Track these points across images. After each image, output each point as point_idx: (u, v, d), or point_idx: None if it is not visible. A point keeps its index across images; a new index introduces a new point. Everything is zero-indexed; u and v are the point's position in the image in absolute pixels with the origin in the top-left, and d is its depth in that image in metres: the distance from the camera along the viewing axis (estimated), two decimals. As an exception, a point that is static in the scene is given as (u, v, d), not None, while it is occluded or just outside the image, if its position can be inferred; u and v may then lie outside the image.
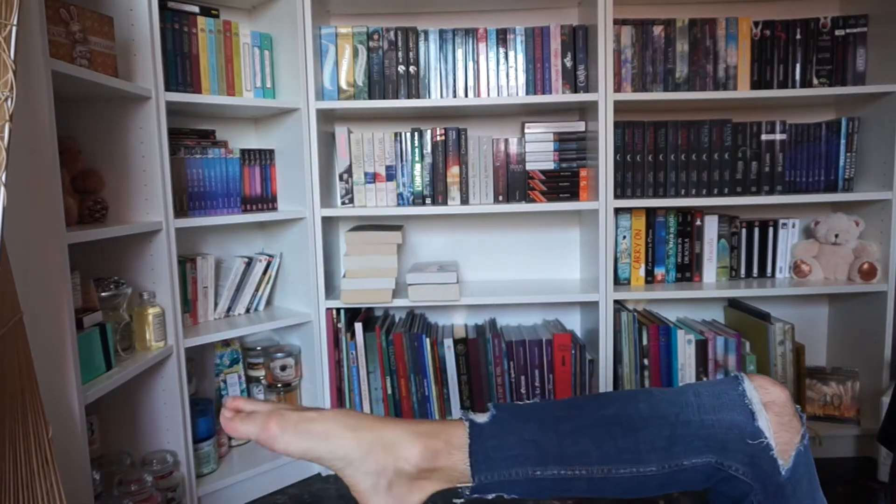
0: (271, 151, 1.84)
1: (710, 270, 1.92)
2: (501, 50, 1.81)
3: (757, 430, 0.65)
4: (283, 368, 1.83)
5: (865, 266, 1.80)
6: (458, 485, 0.69)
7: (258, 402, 0.73)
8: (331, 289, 1.88)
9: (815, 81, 1.83)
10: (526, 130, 1.85)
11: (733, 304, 2.02)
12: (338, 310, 1.83)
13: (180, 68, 1.61)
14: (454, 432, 0.68)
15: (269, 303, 1.94)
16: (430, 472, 0.67)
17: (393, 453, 0.67)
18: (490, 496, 0.68)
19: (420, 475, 0.68)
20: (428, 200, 1.86)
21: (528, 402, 0.72)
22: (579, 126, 1.86)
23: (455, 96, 1.82)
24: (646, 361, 1.84)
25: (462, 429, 0.68)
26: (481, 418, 0.69)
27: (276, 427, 0.67)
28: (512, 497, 0.69)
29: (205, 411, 1.68)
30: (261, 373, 1.89)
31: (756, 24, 1.80)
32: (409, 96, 1.80)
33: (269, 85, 1.78)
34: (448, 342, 1.84)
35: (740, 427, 0.66)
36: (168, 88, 1.53)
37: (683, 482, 0.68)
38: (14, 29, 0.78)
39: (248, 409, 0.71)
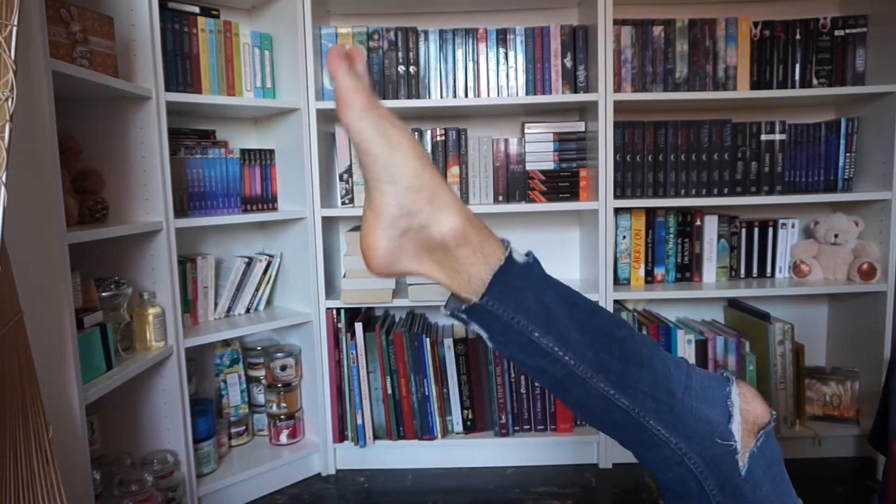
0: (271, 151, 1.85)
1: (709, 270, 1.92)
2: (501, 50, 1.81)
3: (728, 432, 0.66)
4: (284, 368, 1.83)
5: (865, 266, 1.80)
6: (461, 293, 0.65)
7: (364, 75, 0.68)
8: (331, 289, 1.88)
9: (815, 82, 1.83)
10: (526, 130, 1.86)
11: (733, 304, 2.02)
12: (338, 310, 1.83)
13: (180, 68, 1.61)
14: (493, 244, 0.64)
15: (269, 303, 1.94)
16: (447, 254, 0.64)
17: (434, 209, 0.63)
18: (474, 326, 0.66)
19: (436, 249, 0.64)
20: (428, 200, 1.86)
21: (559, 280, 0.69)
22: (579, 126, 1.86)
23: (455, 96, 1.82)
24: (646, 361, 1.84)
25: (501, 249, 0.64)
26: (520, 257, 0.65)
27: (364, 100, 0.63)
28: (489, 342, 0.67)
29: (205, 411, 1.68)
30: (261, 373, 1.90)
31: (756, 24, 1.81)
32: (409, 96, 1.81)
33: (269, 85, 1.78)
34: (448, 342, 1.84)
35: (713, 424, 0.66)
36: (168, 88, 1.53)
37: (638, 438, 0.68)
38: (14, 29, 0.79)
39: (359, 70, 0.66)
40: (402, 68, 1.80)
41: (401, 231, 0.64)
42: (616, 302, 1.83)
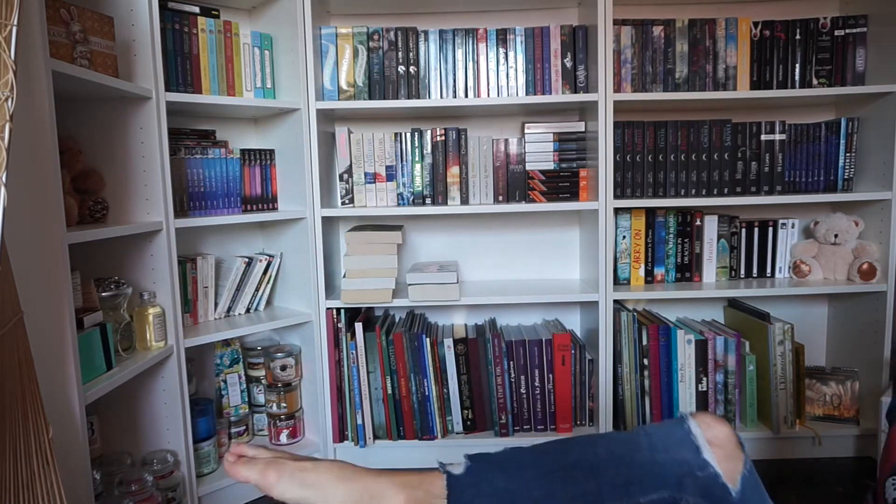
0: (271, 151, 1.85)
1: (709, 270, 1.92)
2: (501, 50, 1.81)
3: (703, 461, 0.73)
4: (284, 368, 1.83)
5: (865, 266, 1.80)
6: None
7: (260, 448, 0.80)
8: (331, 289, 1.88)
9: (815, 82, 1.83)
10: (526, 130, 1.86)
11: (733, 304, 2.02)
12: (338, 310, 1.83)
13: (180, 68, 1.61)
14: (433, 482, 0.74)
15: (269, 303, 1.94)
16: None
17: (379, 503, 0.73)
18: None
19: None
20: (428, 200, 1.86)
21: (497, 451, 0.79)
22: (579, 126, 1.86)
23: (455, 96, 1.82)
24: (645, 361, 1.84)
25: (440, 479, 0.74)
26: (457, 469, 0.75)
27: (274, 475, 0.74)
28: None
29: (205, 411, 1.68)
30: (261, 373, 1.90)
31: (756, 24, 1.81)
32: (409, 96, 1.81)
33: (269, 85, 1.78)
34: (448, 342, 1.84)
35: (689, 462, 0.73)
36: (168, 88, 1.53)
37: None
38: (14, 29, 0.79)
39: (250, 455, 0.78)
40: (402, 68, 1.80)
41: None
42: (616, 302, 1.83)
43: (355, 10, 1.94)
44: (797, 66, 1.82)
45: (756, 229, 1.94)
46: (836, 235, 1.85)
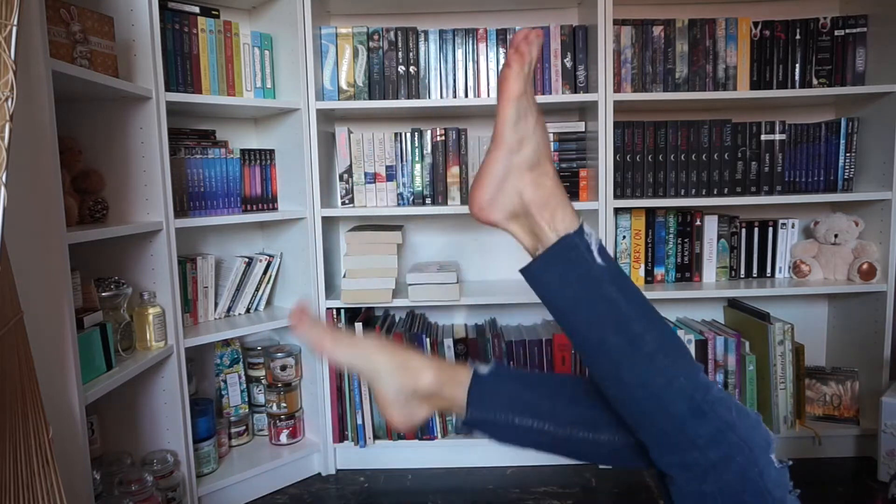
0: (271, 151, 1.85)
1: (709, 270, 1.92)
2: (501, 50, 1.81)
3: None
4: (284, 368, 1.83)
5: (865, 266, 1.80)
6: (455, 414, 0.88)
7: (318, 320, 0.88)
8: (331, 289, 1.88)
9: (815, 82, 1.83)
10: (526, 130, 1.85)
11: (733, 303, 2.02)
12: (338, 309, 1.83)
13: (180, 68, 1.61)
14: (461, 371, 0.86)
15: (269, 303, 1.94)
16: (437, 396, 0.86)
17: (414, 376, 0.85)
18: (476, 432, 0.86)
19: (429, 396, 0.86)
20: (428, 200, 1.86)
21: (520, 368, 0.91)
22: (579, 126, 1.86)
23: (455, 96, 1.82)
24: (646, 361, 1.84)
25: (468, 371, 0.86)
26: (483, 369, 0.87)
27: (330, 342, 0.86)
28: (493, 440, 0.86)
29: (205, 411, 1.68)
30: (261, 373, 1.90)
31: (755, 24, 1.81)
32: (409, 96, 1.81)
33: (269, 85, 1.78)
34: (448, 342, 1.84)
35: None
36: (168, 88, 1.53)
37: (628, 457, 0.82)
38: (14, 29, 0.79)
39: (312, 319, 0.88)
40: (402, 68, 1.80)
41: (403, 401, 0.86)
42: (616, 302, 1.83)
43: (355, 10, 1.94)
44: (797, 66, 1.82)
45: (756, 229, 1.94)
46: (836, 235, 1.85)
